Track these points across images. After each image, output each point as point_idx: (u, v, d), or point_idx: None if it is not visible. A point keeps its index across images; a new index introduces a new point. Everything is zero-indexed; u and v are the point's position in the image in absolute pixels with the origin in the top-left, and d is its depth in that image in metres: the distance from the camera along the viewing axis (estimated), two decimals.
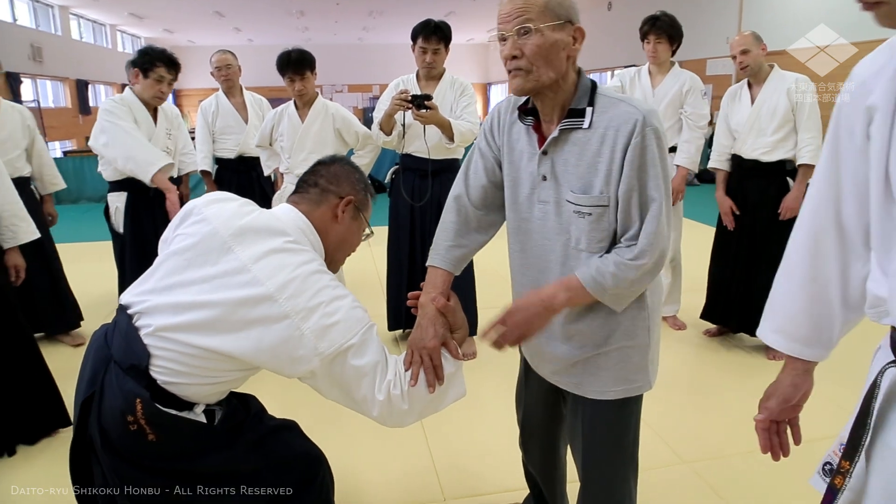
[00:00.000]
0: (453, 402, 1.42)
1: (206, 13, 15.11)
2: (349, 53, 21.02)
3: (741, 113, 3.22)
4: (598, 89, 1.32)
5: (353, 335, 1.26)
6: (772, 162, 3.13)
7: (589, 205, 1.29)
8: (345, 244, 1.53)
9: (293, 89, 3.18)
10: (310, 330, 1.22)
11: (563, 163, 1.31)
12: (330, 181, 1.50)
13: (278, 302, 1.21)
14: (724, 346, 3.44)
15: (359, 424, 2.66)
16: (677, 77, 3.49)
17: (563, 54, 1.27)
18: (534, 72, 1.26)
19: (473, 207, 1.52)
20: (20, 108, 3.34)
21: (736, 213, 3.28)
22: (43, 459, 2.29)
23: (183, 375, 1.26)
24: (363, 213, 1.54)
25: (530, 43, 1.24)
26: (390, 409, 1.30)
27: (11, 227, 2.48)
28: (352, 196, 1.49)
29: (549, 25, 1.23)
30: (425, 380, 1.33)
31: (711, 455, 2.40)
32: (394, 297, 3.38)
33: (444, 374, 1.35)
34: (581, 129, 1.28)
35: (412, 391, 1.32)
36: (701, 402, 2.83)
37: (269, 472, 1.42)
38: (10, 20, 12.41)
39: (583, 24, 1.30)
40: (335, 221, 1.47)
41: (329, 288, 1.27)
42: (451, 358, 1.38)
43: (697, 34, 10.92)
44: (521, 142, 1.40)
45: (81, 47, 15.80)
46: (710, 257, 3.49)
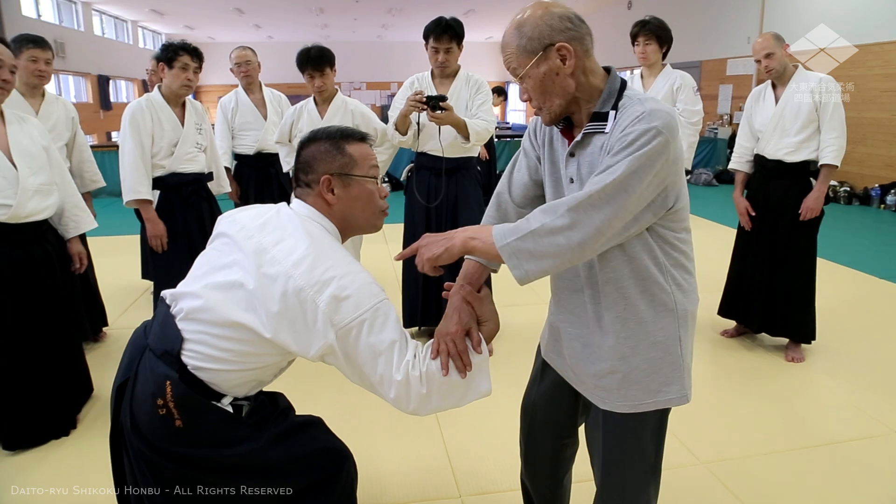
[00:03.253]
0: (476, 399, 1.37)
1: (227, 10, 15.21)
2: (368, 51, 21.07)
3: (765, 113, 3.19)
4: (626, 91, 1.29)
5: (365, 309, 1.26)
6: (795, 162, 3.10)
7: None
8: (357, 210, 1.47)
9: (313, 86, 3.20)
10: (324, 303, 1.23)
11: (588, 165, 1.30)
12: (306, 172, 1.46)
13: (294, 277, 1.25)
14: (742, 346, 3.41)
15: (375, 421, 2.68)
16: (668, 76, 3.52)
17: (559, 79, 1.27)
18: (544, 108, 1.32)
19: (514, 204, 1.54)
20: (64, 101, 3.36)
21: (752, 215, 3.26)
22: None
23: (213, 360, 1.30)
24: (354, 172, 1.45)
25: (528, 87, 1.30)
26: (408, 391, 1.29)
27: (74, 217, 2.62)
28: (328, 173, 1.43)
29: (531, 66, 1.26)
30: (454, 366, 1.31)
31: (728, 456, 2.39)
32: (409, 293, 3.39)
33: (470, 361, 1.32)
34: (602, 133, 1.27)
35: (432, 376, 1.29)
36: (718, 403, 2.81)
37: (294, 466, 1.43)
38: (34, 16, 12.61)
39: (602, 23, 1.31)
40: (331, 203, 1.44)
41: (343, 263, 1.29)
42: (473, 350, 1.34)
43: (718, 34, 10.83)
44: (557, 144, 1.41)
45: (103, 43, 15.98)
46: (731, 256, 3.47)
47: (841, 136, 2.99)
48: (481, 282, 1.50)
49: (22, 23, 11.40)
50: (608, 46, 15.51)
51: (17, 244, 2.34)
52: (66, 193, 2.58)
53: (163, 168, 3.04)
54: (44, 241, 2.46)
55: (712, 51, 11.03)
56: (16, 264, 2.33)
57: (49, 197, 2.43)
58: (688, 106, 3.47)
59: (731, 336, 3.51)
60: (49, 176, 2.43)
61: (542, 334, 1.65)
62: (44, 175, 2.40)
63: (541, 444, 1.68)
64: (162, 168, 3.04)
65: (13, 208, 2.27)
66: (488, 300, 1.42)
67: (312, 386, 2.98)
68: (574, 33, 1.25)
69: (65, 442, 2.44)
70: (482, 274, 1.51)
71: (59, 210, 2.54)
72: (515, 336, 3.46)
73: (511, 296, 3.74)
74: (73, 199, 2.63)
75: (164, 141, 3.01)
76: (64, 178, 2.60)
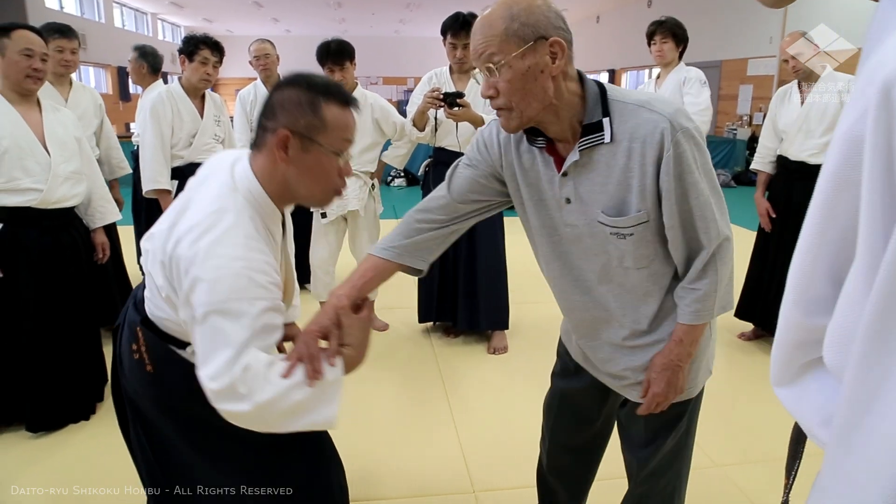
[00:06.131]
0: (313, 427, 1.17)
1: (245, 3, 15.27)
2: (385, 46, 21.08)
3: (790, 114, 3.15)
4: (608, 95, 1.19)
5: (221, 300, 1.10)
6: (819, 164, 3.04)
7: (628, 226, 1.20)
8: (305, 181, 1.24)
9: (332, 79, 3.20)
10: (188, 280, 1.12)
11: (589, 183, 1.20)
12: (268, 117, 1.24)
13: (180, 243, 1.15)
14: (760, 349, 3.38)
15: (389, 413, 2.68)
16: (678, 72, 3.50)
17: (542, 78, 1.13)
18: (515, 108, 1.16)
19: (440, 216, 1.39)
20: (90, 89, 3.41)
21: (772, 216, 3.23)
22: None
23: (156, 308, 1.29)
24: (318, 138, 1.20)
25: (501, 80, 1.13)
26: (232, 391, 1.09)
27: (100, 208, 2.67)
28: (287, 129, 1.19)
29: (515, 55, 1.11)
30: (301, 371, 1.13)
31: (744, 460, 2.37)
32: (425, 289, 3.40)
33: (322, 369, 1.14)
34: (603, 144, 1.17)
35: (256, 380, 1.09)
36: (734, 406, 2.78)
37: (270, 441, 1.34)
38: (57, 8, 12.75)
39: (621, 22, 1.26)
40: (278, 163, 1.22)
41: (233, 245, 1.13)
42: (328, 366, 1.15)
43: (739, 33, 10.71)
44: (535, 163, 1.28)
45: (123, 35, 16.10)
46: (750, 258, 3.43)
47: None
48: (373, 288, 1.36)
49: (45, 14, 11.54)
50: (627, 43, 15.44)
51: (46, 229, 2.40)
52: (93, 184, 2.64)
53: (181, 158, 3.11)
54: (71, 228, 2.52)
55: (733, 50, 10.91)
56: (45, 248, 2.39)
57: (78, 185, 2.49)
58: (692, 97, 3.41)
59: (749, 339, 3.48)
60: (79, 165, 2.49)
61: (566, 336, 1.58)
62: (74, 163, 2.46)
63: (572, 438, 1.66)
64: (180, 158, 3.11)
65: (44, 193, 2.33)
66: (361, 325, 1.23)
67: None
68: (566, 35, 1.15)
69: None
70: (381, 277, 1.36)
71: (86, 200, 2.60)
72: (529, 333, 3.46)
73: (524, 293, 3.73)
74: (101, 191, 2.69)
75: (183, 132, 3.07)
76: (93, 169, 2.66)
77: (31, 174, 2.30)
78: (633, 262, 1.24)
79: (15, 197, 2.29)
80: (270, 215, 1.26)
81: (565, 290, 1.37)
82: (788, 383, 0.76)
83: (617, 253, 1.24)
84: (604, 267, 1.27)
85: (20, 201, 2.30)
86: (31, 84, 2.32)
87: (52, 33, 2.98)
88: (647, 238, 1.22)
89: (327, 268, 3.39)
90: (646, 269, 1.26)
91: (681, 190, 1.15)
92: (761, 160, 3.35)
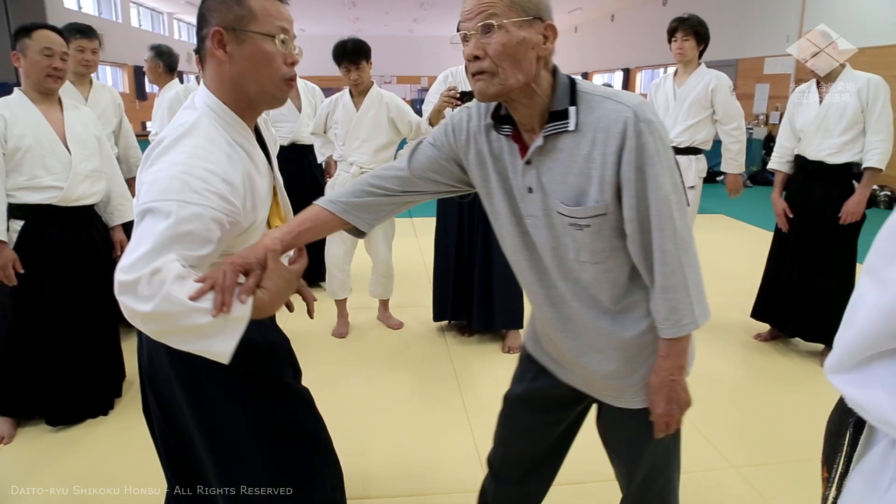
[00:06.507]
0: (205, 354, 1.09)
1: None
2: (399, 45, 21.13)
3: (808, 113, 3.12)
4: (577, 86, 1.20)
5: (152, 199, 1.08)
6: (837, 164, 3.03)
7: (586, 216, 1.19)
8: (251, 74, 1.23)
9: (349, 78, 3.22)
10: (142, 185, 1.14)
11: (550, 172, 1.20)
12: (201, 25, 1.24)
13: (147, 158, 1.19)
14: (776, 350, 3.35)
15: (404, 410, 2.69)
16: (702, 76, 3.43)
17: (532, 54, 1.14)
18: (499, 74, 1.14)
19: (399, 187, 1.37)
20: (110, 88, 3.45)
21: (789, 217, 3.20)
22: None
23: None
24: (250, 27, 1.20)
25: (494, 41, 1.12)
26: (135, 288, 1.02)
27: (119, 206, 2.70)
28: (218, 25, 1.20)
29: (515, 21, 1.12)
30: (209, 298, 1.04)
31: (759, 461, 2.35)
32: (440, 287, 3.40)
33: (230, 304, 1.05)
34: (567, 132, 1.17)
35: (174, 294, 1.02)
36: (750, 407, 2.76)
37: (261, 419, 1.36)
38: (75, 8, 12.90)
39: (636, 21, 1.26)
40: (222, 62, 1.22)
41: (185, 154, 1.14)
42: (239, 302, 1.06)
43: (756, 31, 10.62)
44: (503, 152, 1.28)
45: (140, 35, 16.27)
46: (767, 258, 3.41)
47: (888, 138, 2.91)
48: (310, 238, 1.29)
49: (64, 15, 11.69)
50: (642, 42, 15.36)
51: (66, 226, 2.44)
52: (113, 183, 2.67)
53: None
54: (91, 226, 2.56)
55: (749, 49, 10.83)
56: (65, 245, 2.43)
57: (98, 183, 2.53)
58: (725, 108, 3.37)
59: (765, 340, 3.45)
60: (99, 163, 2.52)
61: (531, 342, 1.54)
62: (94, 162, 2.50)
63: (529, 447, 1.58)
64: None
65: (64, 191, 2.37)
66: (285, 274, 1.14)
67: (341, 373, 3.01)
68: (555, 27, 1.18)
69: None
70: (322, 229, 1.31)
71: (105, 197, 2.63)
72: None
73: None
74: (120, 189, 2.72)
75: None
76: (112, 167, 2.69)
77: (52, 172, 2.34)
78: (590, 257, 1.23)
79: (36, 194, 2.33)
80: (234, 125, 1.26)
81: (531, 283, 1.35)
82: (851, 369, 0.76)
83: (574, 246, 1.23)
84: (561, 261, 1.27)
85: (41, 199, 2.34)
86: (52, 83, 2.35)
87: (74, 33, 3.01)
88: (604, 232, 1.21)
89: (342, 266, 3.41)
90: (601, 265, 1.24)
91: (641, 182, 1.14)
92: (778, 160, 3.32)
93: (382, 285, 3.57)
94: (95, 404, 2.60)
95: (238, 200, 1.17)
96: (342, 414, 2.57)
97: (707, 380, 3.00)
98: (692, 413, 1.48)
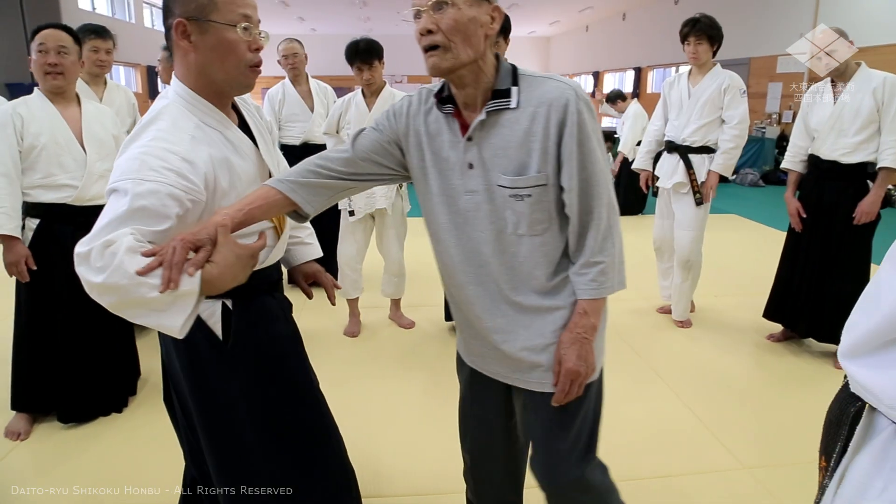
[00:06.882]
0: (158, 328, 1.13)
1: (272, 2, 15.42)
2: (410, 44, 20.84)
3: (822, 112, 3.09)
4: (519, 70, 1.29)
5: (114, 180, 1.14)
6: (851, 164, 3.00)
7: (527, 186, 1.25)
8: (216, 62, 1.27)
9: (361, 78, 3.23)
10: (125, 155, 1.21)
11: (492, 147, 1.26)
12: (166, 16, 1.28)
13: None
14: (788, 350, 3.33)
15: (415, 410, 2.70)
16: (716, 76, 3.42)
17: (480, 32, 1.23)
18: (452, 49, 1.21)
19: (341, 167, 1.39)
20: (124, 88, 3.48)
21: (803, 216, 3.18)
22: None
23: None
24: (211, 17, 1.23)
25: (447, 17, 1.19)
26: (87, 259, 1.07)
27: None
28: (181, 16, 1.23)
29: (466, 0, 1.20)
30: (158, 274, 1.05)
31: (772, 462, 2.34)
32: None
33: (178, 280, 1.06)
34: (509, 109, 1.25)
35: (122, 266, 1.04)
36: (762, 408, 2.75)
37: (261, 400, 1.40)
38: (89, 9, 13.02)
39: (648, 19, 1.29)
40: (188, 52, 1.26)
41: (148, 138, 1.21)
42: (187, 276, 1.07)
43: (768, 29, 10.54)
44: (441, 131, 1.32)
45: (153, 35, 16.37)
46: (780, 258, 3.39)
47: None
48: (260, 217, 1.29)
49: (78, 16, 11.81)
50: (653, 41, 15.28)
51: (80, 225, 2.42)
52: None
53: None
54: None
55: (762, 47, 10.74)
56: None
57: None
58: (731, 109, 3.36)
59: (777, 340, 3.43)
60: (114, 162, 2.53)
61: (458, 342, 1.57)
62: (109, 161, 2.50)
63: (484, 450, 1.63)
64: None
65: (79, 190, 2.38)
66: (234, 249, 1.14)
67: (353, 371, 3.02)
68: (501, 10, 1.28)
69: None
70: (270, 208, 1.31)
71: None
72: None
73: None
74: None
75: None
76: None
77: (67, 170, 2.36)
78: (528, 228, 1.28)
79: (51, 193, 2.35)
80: (205, 110, 1.30)
81: (458, 263, 1.36)
82: (868, 353, 0.76)
83: (513, 218, 1.28)
84: (499, 235, 1.30)
85: (56, 198, 2.36)
86: (51, 80, 2.33)
87: (88, 34, 3.04)
88: (544, 203, 1.27)
89: (354, 265, 3.42)
90: (538, 238, 1.29)
91: (581, 156, 1.23)
92: (792, 159, 3.29)
93: (394, 284, 3.57)
94: (108, 402, 2.62)
95: (197, 178, 1.20)
96: (354, 412, 2.58)
97: (719, 380, 2.99)
98: (704, 413, 1.48)
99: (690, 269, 3.55)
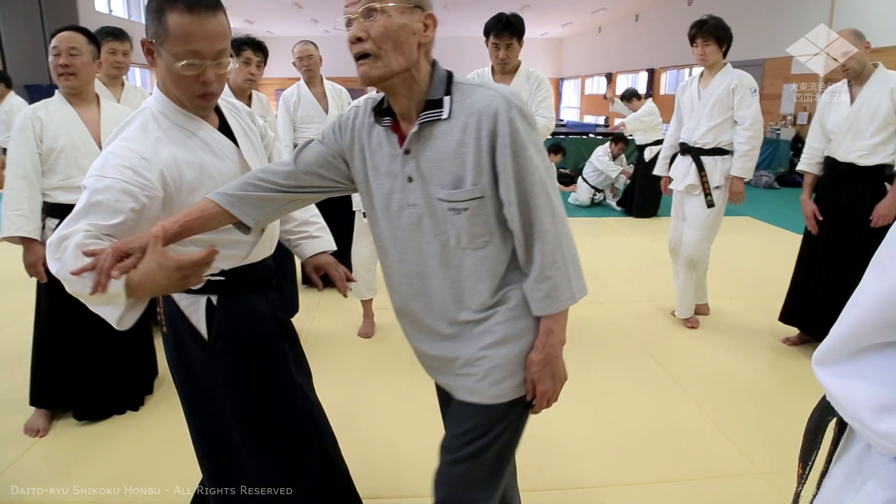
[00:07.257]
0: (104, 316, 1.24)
1: (285, 4, 15.51)
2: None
3: (839, 114, 3.07)
4: (454, 78, 1.25)
5: (91, 176, 1.28)
6: (868, 166, 2.98)
7: (463, 199, 1.21)
8: (171, 84, 1.37)
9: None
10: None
11: (427, 159, 1.22)
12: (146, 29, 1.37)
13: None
14: (805, 354, 3.30)
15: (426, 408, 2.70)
16: (725, 77, 3.39)
17: (413, 40, 1.19)
18: (382, 57, 1.17)
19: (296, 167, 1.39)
20: (141, 90, 3.53)
21: (819, 219, 3.15)
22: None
23: None
24: (164, 47, 1.30)
25: (377, 24, 1.16)
26: (49, 249, 1.20)
27: None
28: (147, 38, 1.33)
29: (396, 7, 1.16)
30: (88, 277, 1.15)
31: (788, 467, 2.30)
32: None
33: (107, 285, 1.14)
34: (441, 120, 1.20)
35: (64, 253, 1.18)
36: (778, 412, 2.73)
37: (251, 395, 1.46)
38: (106, 11, 13.17)
39: (661, 20, 1.25)
40: (154, 68, 1.37)
41: (119, 140, 1.35)
42: (113, 279, 1.15)
43: (783, 30, 10.45)
44: (382, 144, 1.29)
45: None
46: (796, 261, 3.36)
47: None
48: (198, 229, 1.32)
49: (96, 18, 11.95)
50: (667, 42, 15.20)
51: None
52: None
53: None
54: None
55: (776, 48, 10.64)
56: None
57: None
58: (742, 110, 3.32)
59: (794, 344, 3.40)
60: None
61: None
62: None
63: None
64: None
65: None
66: (160, 260, 1.17)
67: (366, 372, 3.03)
68: (435, 17, 1.25)
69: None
70: (207, 220, 1.33)
71: None
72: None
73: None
74: None
75: None
76: None
77: (85, 172, 2.37)
78: (469, 241, 1.24)
79: (70, 195, 2.37)
80: (180, 116, 1.40)
81: (401, 278, 1.35)
82: (838, 362, 0.75)
83: (454, 231, 1.24)
84: (443, 248, 1.27)
85: (75, 199, 2.34)
86: (64, 81, 2.36)
87: (105, 36, 3.08)
88: (482, 216, 1.23)
89: (369, 266, 3.43)
90: (481, 251, 1.25)
91: (517, 166, 1.19)
92: (808, 161, 3.27)
93: None
94: (124, 400, 2.65)
95: (153, 175, 1.29)
96: (367, 413, 2.59)
97: (735, 384, 2.97)
98: (719, 416, 1.47)
99: (694, 269, 3.54)
